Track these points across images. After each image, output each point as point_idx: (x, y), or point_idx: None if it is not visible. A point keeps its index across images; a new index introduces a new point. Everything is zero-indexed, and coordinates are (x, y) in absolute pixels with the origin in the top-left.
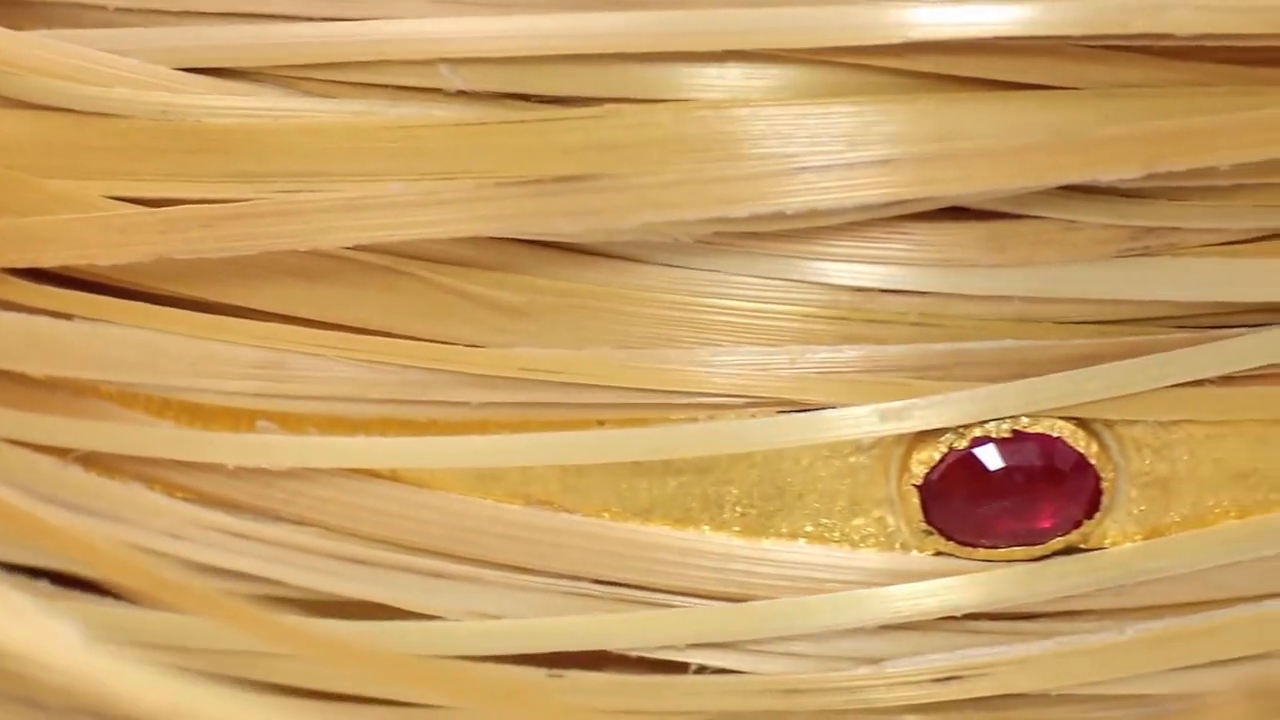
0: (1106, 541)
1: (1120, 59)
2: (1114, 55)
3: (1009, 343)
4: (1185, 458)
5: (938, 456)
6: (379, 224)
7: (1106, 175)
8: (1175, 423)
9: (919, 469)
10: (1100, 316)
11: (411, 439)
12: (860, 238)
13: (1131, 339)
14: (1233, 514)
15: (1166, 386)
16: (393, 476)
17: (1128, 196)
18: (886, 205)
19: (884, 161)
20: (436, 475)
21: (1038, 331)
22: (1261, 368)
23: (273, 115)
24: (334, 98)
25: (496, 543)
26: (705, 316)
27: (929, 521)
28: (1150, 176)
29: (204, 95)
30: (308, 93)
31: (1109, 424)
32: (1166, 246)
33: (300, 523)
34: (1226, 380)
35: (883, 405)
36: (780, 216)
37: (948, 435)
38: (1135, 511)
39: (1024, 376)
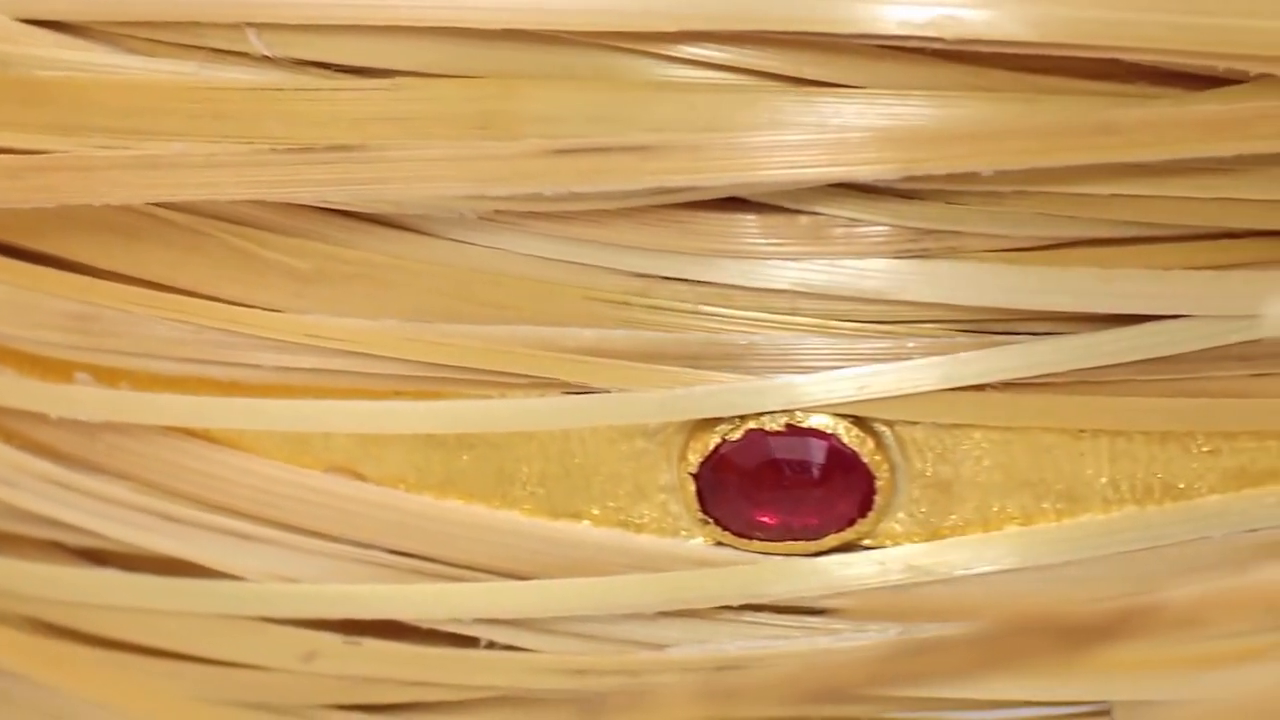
0: (888, 540)
1: (904, 59)
2: (898, 55)
3: (787, 336)
4: (968, 462)
5: (712, 446)
6: (161, 183)
7: (864, 175)
8: (958, 426)
9: (694, 458)
10: (880, 316)
11: (213, 399)
12: (641, 223)
13: (912, 340)
14: (1017, 521)
15: (947, 389)
16: (206, 436)
17: (906, 197)
18: (647, 192)
19: (643, 149)
20: (245, 437)
21: (813, 327)
22: (1044, 376)
23: (97, 71)
24: (154, 56)
25: (298, 507)
26: (489, 293)
27: (705, 511)
28: (930, 179)
29: (41, 48)
30: (132, 50)
31: (889, 423)
32: (947, 250)
33: (120, 477)
34: (1009, 386)
35: (660, 392)
36: (540, 198)
37: (723, 425)
38: (918, 513)
39: (802, 371)
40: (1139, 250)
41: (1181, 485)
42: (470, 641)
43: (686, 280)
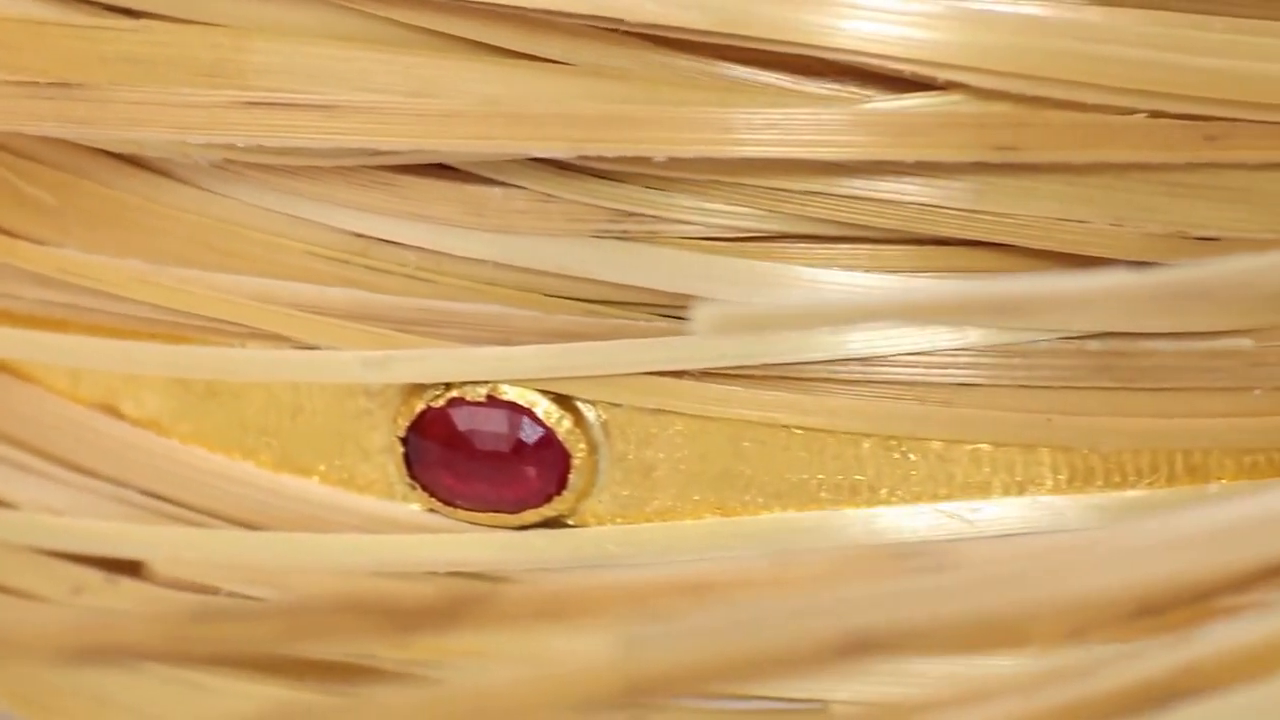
0: (592, 520)
1: (607, 40)
2: (600, 35)
3: (491, 307)
4: (669, 448)
5: (419, 411)
6: None
7: (537, 151)
8: (660, 412)
9: (403, 422)
10: (581, 294)
11: None
12: (356, 183)
13: (613, 321)
14: (718, 511)
15: (646, 373)
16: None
17: (605, 177)
18: (340, 152)
19: (325, 107)
20: (26, 367)
21: (518, 300)
22: (742, 367)
23: None
24: None
25: (65, 441)
26: (223, 242)
27: (412, 476)
28: (630, 161)
29: None
30: None
31: (593, 403)
32: (646, 234)
33: None
34: (709, 375)
35: (365, 353)
36: (233, 148)
37: (430, 392)
38: (621, 495)
39: (505, 344)
40: (840, 250)
41: (884, 491)
42: (213, 589)
43: (403, 244)
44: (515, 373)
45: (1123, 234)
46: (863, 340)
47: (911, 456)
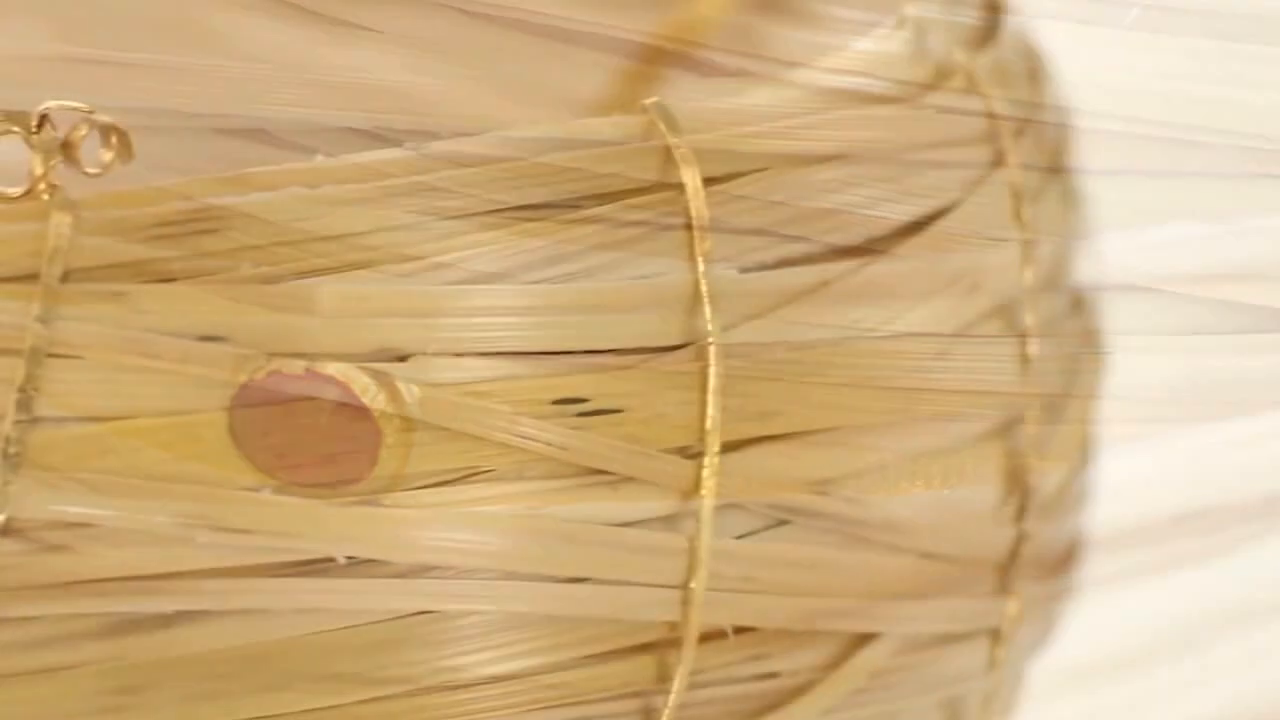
0: (408, 501)
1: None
2: (415, 4)
3: (312, 280)
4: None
5: (242, 383)
6: None
7: (333, 120)
8: (479, 394)
9: (229, 393)
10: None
11: None
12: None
13: None
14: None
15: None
16: None
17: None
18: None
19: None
20: None
21: (338, 272)
22: None
23: None
24: None
25: None
26: None
27: (238, 446)
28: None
29: None
30: None
31: (411, 380)
32: (457, 211)
33: None
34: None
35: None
36: None
37: (253, 363)
38: (441, 471)
39: (323, 317)
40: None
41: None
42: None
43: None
44: (332, 347)
45: None
46: None
47: None
